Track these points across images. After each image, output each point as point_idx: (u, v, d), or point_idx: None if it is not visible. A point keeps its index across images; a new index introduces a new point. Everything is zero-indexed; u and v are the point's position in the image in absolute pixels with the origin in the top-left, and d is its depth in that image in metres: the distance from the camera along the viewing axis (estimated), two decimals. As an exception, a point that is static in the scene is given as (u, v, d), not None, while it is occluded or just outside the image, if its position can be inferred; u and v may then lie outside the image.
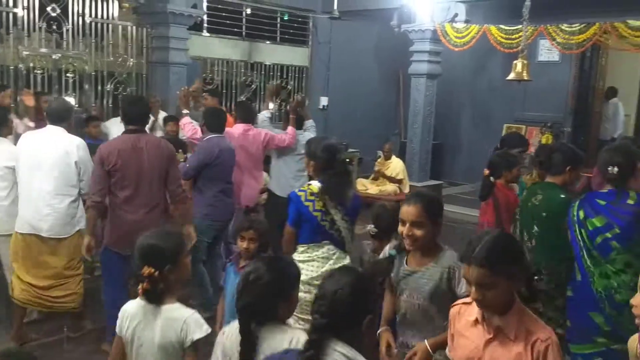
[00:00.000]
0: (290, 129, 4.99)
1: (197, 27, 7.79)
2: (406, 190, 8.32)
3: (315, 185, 2.94)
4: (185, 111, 4.75)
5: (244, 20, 8.48)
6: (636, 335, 1.96)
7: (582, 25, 6.86)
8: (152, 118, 5.29)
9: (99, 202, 3.34)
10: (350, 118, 9.53)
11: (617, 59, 9.48)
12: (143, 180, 3.35)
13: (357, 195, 3.11)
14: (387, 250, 2.43)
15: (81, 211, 3.64)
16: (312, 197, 2.90)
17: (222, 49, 8.40)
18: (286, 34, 9.06)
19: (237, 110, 5.14)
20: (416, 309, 2.27)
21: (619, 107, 9.37)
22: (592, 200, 2.79)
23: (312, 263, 2.88)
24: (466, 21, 7.82)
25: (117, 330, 2.12)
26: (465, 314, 1.92)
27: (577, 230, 2.81)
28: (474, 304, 1.84)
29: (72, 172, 3.53)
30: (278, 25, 8.92)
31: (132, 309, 2.10)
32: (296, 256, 2.92)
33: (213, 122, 4.30)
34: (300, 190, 2.98)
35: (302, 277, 2.35)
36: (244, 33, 8.54)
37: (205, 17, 7.98)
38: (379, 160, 8.51)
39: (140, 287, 2.00)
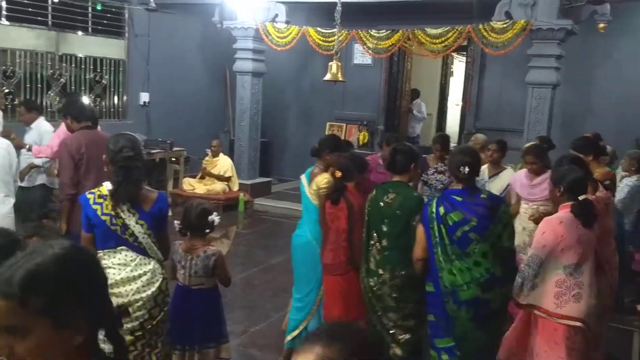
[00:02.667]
0: None
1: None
2: (235, 188, 8.33)
3: (106, 186, 2.70)
4: None
5: (49, 8, 7.72)
6: None
7: (388, 32, 7.49)
8: None
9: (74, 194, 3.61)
10: (175, 115, 9.23)
11: (421, 63, 10.56)
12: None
13: (162, 198, 2.84)
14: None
15: None
16: (101, 200, 2.67)
17: (25, 39, 7.56)
18: (99, 24, 8.44)
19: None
20: None
21: (422, 107, 10.44)
22: (449, 197, 3.01)
23: (109, 270, 2.63)
24: (287, 22, 8.06)
25: None
26: None
27: (436, 226, 2.94)
28: None
29: None
30: (90, 15, 8.28)
31: None
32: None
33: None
34: (90, 193, 2.73)
35: None
36: (50, 22, 7.78)
37: (3, 4, 7.14)
38: (206, 158, 8.39)
39: None
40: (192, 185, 8.18)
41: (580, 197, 3.00)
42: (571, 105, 8.12)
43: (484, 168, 4.85)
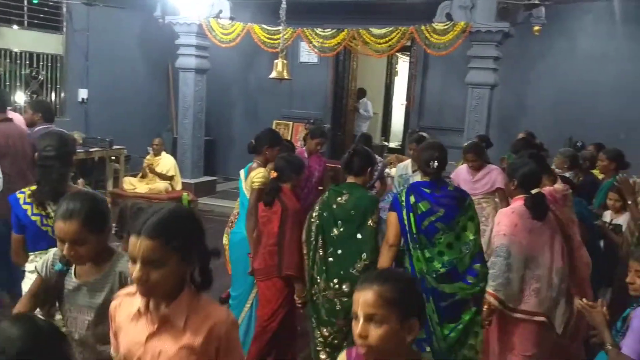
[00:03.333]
0: None
1: None
2: (178, 187, 8.15)
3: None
4: None
5: (-20, -1, 7.33)
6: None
7: (334, 31, 7.53)
8: None
9: None
10: (115, 112, 8.94)
11: (367, 63, 10.69)
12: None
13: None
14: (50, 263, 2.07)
15: None
16: (31, 200, 2.59)
17: (-48, 30, 7.16)
18: (36, 18, 8.08)
19: None
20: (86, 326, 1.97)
21: (368, 105, 10.58)
22: (418, 188, 3.07)
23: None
24: (231, 18, 7.97)
25: None
26: (126, 306, 1.65)
27: (405, 214, 3.00)
28: (138, 294, 1.58)
29: None
30: (25, 8, 7.91)
31: None
32: (27, 266, 2.61)
33: None
34: (20, 192, 2.64)
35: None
36: (-19, 14, 7.38)
37: None
38: (147, 157, 8.17)
39: None
40: (133, 185, 7.94)
41: (533, 191, 3.10)
42: (508, 105, 8.42)
43: (408, 163, 5.06)
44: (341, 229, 3.17)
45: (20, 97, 7.93)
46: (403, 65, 12.24)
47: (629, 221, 3.72)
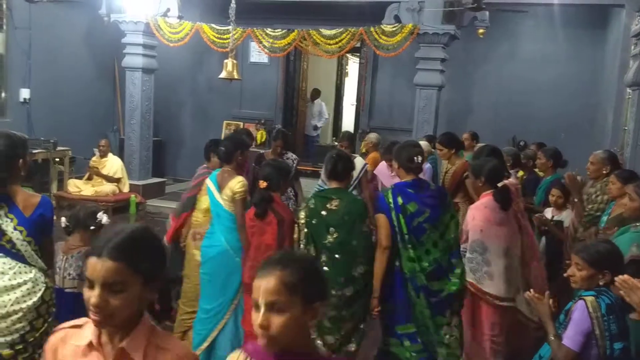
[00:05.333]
0: None
1: None
2: (125, 189, 7.96)
3: None
4: None
5: None
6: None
7: (284, 31, 7.53)
8: None
9: None
10: (59, 113, 8.63)
11: (317, 63, 10.75)
12: None
13: (45, 202, 2.63)
14: None
15: None
16: None
17: None
18: (-28, 14, 7.70)
19: None
20: None
21: (323, 106, 10.63)
22: (404, 189, 3.10)
23: None
24: (179, 17, 7.82)
25: None
26: (73, 340, 1.47)
27: (394, 215, 3.04)
28: (86, 326, 1.46)
29: None
30: (-40, 3, 7.53)
31: None
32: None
33: None
34: None
35: None
36: None
37: None
38: (93, 158, 7.94)
39: None
40: (79, 187, 7.71)
41: (499, 184, 3.27)
42: (455, 105, 8.67)
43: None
44: (334, 235, 3.10)
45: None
46: (353, 66, 12.36)
47: (572, 217, 3.88)
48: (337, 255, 3.10)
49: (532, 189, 5.01)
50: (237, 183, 3.42)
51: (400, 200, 3.05)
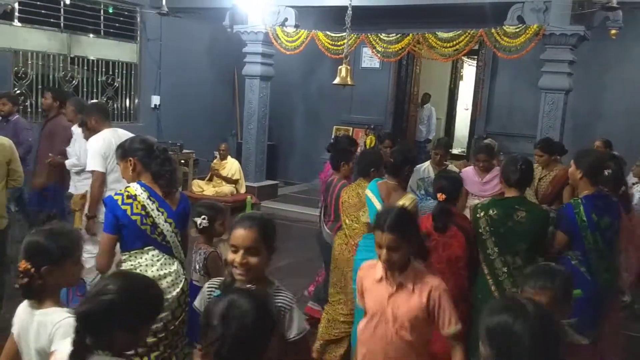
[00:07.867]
0: None
1: (6, 16, 7.02)
2: (242, 190, 8.34)
3: (134, 187, 2.72)
4: None
5: (62, 10, 7.77)
6: None
7: (398, 35, 7.47)
8: None
9: None
10: (184, 118, 9.26)
11: (430, 67, 10.55)
12: None
13: (184, 197, 2.88)
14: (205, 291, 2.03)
15: None
16: (130, 200, 2.66)
17: (37, 40, 7.62)
18: (111, 27, 8.50)
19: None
20: None
21: (432, 111, 10.41)
22: (596, 202, 3.15)
23: (137, 271, 2.62)
24: (296, 26, 8.07)
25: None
26: (371, 274, 2.34)
27: (590, 234, 3.10)
28: (377, 265, 2.30)
29: None
30: (102, 17, 8.34)
31: (20, 308, 1.99)
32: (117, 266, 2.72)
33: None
34: (116, 194, 2.71)
35: None
36: (62, 24, 7.83)
37: (16, 6, 7.19)
38: (214, 161, 8.41)
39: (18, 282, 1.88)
40: (201, 187, 8.20)
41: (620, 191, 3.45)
42: (582, 110, 8.07)
43: (428, 165, 4.96)
44: (525, 246, 3.06)
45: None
46: (468, 69, 11.99)
47: None
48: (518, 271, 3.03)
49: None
50: (407, 200, 3.19)
51: (594, 217, 3.10)
